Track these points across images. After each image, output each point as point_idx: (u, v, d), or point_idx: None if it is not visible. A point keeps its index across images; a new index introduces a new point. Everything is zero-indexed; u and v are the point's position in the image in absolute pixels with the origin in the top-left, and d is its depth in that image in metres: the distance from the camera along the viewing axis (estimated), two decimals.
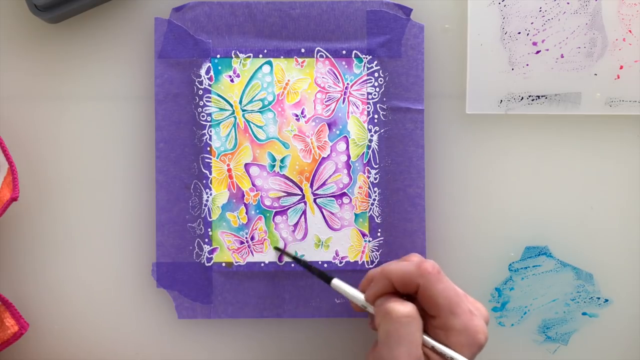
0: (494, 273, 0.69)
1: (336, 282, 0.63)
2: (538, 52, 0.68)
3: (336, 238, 0.68)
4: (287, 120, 0.68)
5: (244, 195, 0.68)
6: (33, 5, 0.66)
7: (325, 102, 0.68)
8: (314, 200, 0.68)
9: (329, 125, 0.68)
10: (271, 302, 0.68)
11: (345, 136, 0.68)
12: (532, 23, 0.67)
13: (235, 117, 0.68)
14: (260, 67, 0.68)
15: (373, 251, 0.68)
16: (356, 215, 0.68)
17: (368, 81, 0.68)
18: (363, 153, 0.68)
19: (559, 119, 0.69)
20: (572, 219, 0.69)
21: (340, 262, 0.68)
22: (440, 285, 0.58)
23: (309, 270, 0.65)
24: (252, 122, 0.68)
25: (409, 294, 0.60)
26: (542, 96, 0.68)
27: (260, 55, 0.68)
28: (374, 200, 0.68)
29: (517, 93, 0.68)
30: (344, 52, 0.68)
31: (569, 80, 0.68)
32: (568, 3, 0.67)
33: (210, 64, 0.68)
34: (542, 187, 0.69)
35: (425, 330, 0.59)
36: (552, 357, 0.70)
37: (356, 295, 0.62)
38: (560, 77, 0.68)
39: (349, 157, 0.68)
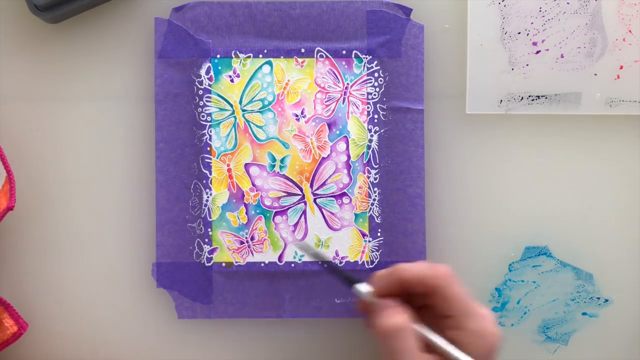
0: (494, 273, 0.69)
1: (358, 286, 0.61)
2: (538, 52, 0.68)
3: (336, 238, 0.68)
4: (287, 120, 0.68)
5: (244, 195, 0.68)
6: (33, 5, 0.66)
7: (325, 102, 0.68)
8: (314, 200, 0.68)
9: (329, 125, 0.68)
10: (271, 302, 0.68)
11: (345, 136, 0.68)
12: (532, 23, 0.67)
13: (235, 117, 0.68)
14: (260, 67, 0.68)
15: (373, 251, 0.68)
16: (356, 215, 0.68)
17: (368, 81, 0.68)
18: (363, 153, 0.68)
19: (559, 119, 0.69)
20: (572, 219, 0.69)
21: (340, 262, 0.68)
22: (456, 288, 0.59)
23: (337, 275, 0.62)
24: (252, 122, 0.68)
25: (415, 294, 0.60)
26: (542, 96, 0.68)
27: (260, 55, 0.68)
28: (374, 200, 0.68)
29: (517, 93, 0.68)
30: (344, 52, 0.68)
31: (569, 80, 0.68)
32: (568, 3, 0.67)
33: (210, 64, 0.68)
34: (542, 187, 0.69)
35: (436, 330, 0.59)
36: (552, 357, 0.70)
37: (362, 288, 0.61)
38: (560, 77, 0.68)
39: (349, 157, 0.68)
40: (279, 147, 0.68)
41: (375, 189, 0.68)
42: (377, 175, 0.68)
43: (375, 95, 0.68)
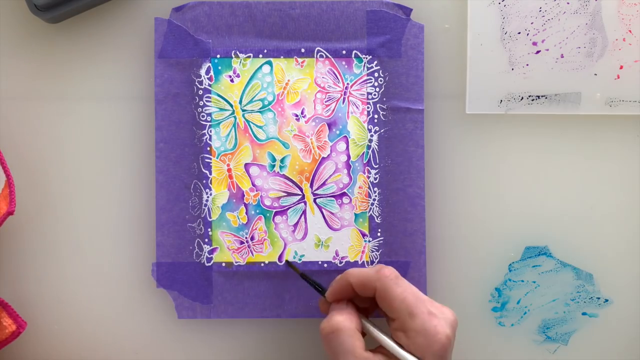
0: (494, 273, 0.69)
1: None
2: (538, 52, 0.68)
3: (336, 238, 0.68)
4: (287, 120, 0.68)
5: (244, 195, 0.68)
6: (33, 5, 0.66)
7: (325, 102, 0.68)
8: (314, 200, 0.68)
9: (329, 125, 0.68)
10: (271, 302, 0.68)
11: (345, 136, 0.68)
12: (532, 23, 0.67)
13: (235, 117, 0.68)
14: (260, 67, 0.68)
15: (373, 251, 0.68)
16: (356, 215, 0.68)
17: (368, 81, 0.68)
18: (363, 153, 0.68)
19: (559, 119, 0.69)
20: (572, 219, 0.69)
21: (340, 262, 0.68)
22: (397, 289, 0.59)
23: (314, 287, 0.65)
24: (252, 122, 0.68)
25: (368, 297, 0.62)
26: (542, 96, 0.68)
27: (260, 55, 0.68)
28: (374, 200, 0.68)
29: (517, 93, 0.68)
30: (344, 52, 0.68)
31: (569, 80, 0.68)
32: (568, 3, 0.67)
33: (210, 64, 0.68)
34: (542, 187, 0.69)
35: (388, 332, 0.61)
36: (552, 357, 0.70)
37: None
38: (560, 77, 0.68)
39: (349, 157, 0.68)
40: (279, 147, 0.68)
41: (375, 189, 0.68)
42: (377, 175, 0.68)
43: (375, 95, 0.68)
